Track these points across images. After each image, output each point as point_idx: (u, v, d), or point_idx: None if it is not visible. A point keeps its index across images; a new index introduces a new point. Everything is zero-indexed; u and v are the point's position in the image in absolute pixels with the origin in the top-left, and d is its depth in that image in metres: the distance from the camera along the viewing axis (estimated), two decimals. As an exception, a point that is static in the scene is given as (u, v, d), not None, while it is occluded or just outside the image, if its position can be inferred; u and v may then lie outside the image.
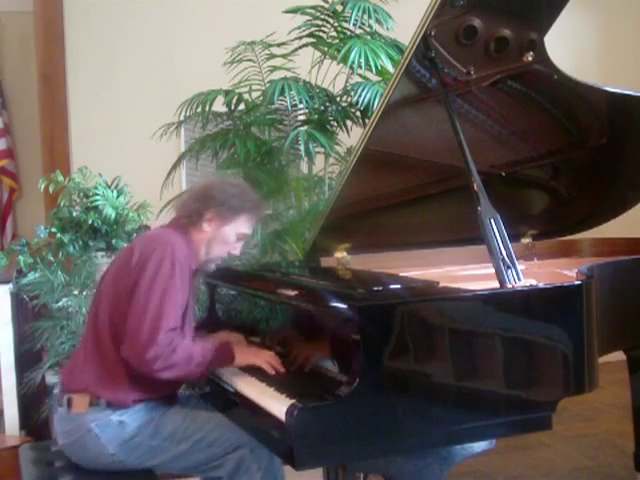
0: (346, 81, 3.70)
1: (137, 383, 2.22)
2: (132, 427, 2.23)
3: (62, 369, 2.40)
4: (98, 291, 2.36)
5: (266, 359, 2.25)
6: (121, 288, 2.23)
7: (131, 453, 2.23)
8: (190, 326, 2.35)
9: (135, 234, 3.45)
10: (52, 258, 3.32)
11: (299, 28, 3.62)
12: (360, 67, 3.36)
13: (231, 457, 2.24)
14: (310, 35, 3.65)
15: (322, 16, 3.61)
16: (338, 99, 3.68)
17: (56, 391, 2.33)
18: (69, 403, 2.24)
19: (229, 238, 2.36)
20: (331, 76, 3.75)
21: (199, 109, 3.69)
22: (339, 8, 3.58)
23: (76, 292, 3.30)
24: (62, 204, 3.44)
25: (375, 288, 2.10)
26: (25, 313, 3.64)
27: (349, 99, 3.66)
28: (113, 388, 2.22)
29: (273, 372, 2.22)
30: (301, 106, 3.56)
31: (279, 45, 3.72)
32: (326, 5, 3.59)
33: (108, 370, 2.23)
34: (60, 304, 3.28)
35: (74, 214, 3.37)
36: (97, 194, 3.32)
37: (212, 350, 2.24)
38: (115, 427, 2.22)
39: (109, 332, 2.24)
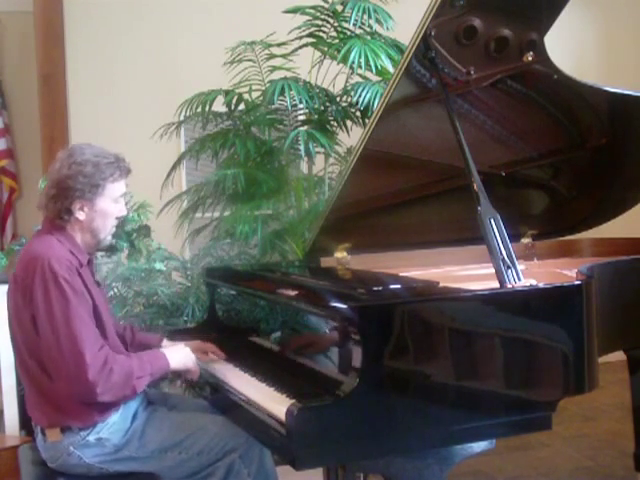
0: (346, 81, 3.70)
1: (87, 403, 2.13)
2: (113, 441, 2.17)
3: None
4: (10, 326, 2.25)
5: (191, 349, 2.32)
6: (24, 322, 2.14)
7: (120, 465, 2.20)
8: (109, 322, 2.26)
9: (135, 234, 3.45)
10: (52, 258, 3.31)
11: (299, 28, 3.62)
12: (360, 67, 3.36)
13: (221, 464, 2.21)
14: (310, 35, 3.65)
15: (322, 16, 3.61)
16: (338, 99, 3.68)
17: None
18: (43, 431, 2.19)
19: (109, 209, 2.24)
20: (331, 76, 3.75)
21: (199, 109, 3.69)
22: (339, 8, 3.58)
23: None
24: (62, 204, 3.43)
25: (375, 288, 2.10)
26: (25, 313, 3.63)
27: (349, 99, 3.66)
28: (72, 414, 2.14)
29: (210, 357, 2.36)
30: (301, 106, 3.56)
31: (279, 45, 3.72)
32: (326, 5, 3.59)
33: (54, 401, 2.14)
34: (60, 304, 3.27)
35: (74, 214, 3.37)
36: (97, 194, 3.31)
37: (149, 361, 2.19)
38: (94, 446, 2.16)
39: (36, 365, 2.15)
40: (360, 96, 3.46)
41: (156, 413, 2.29)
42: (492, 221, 2.14)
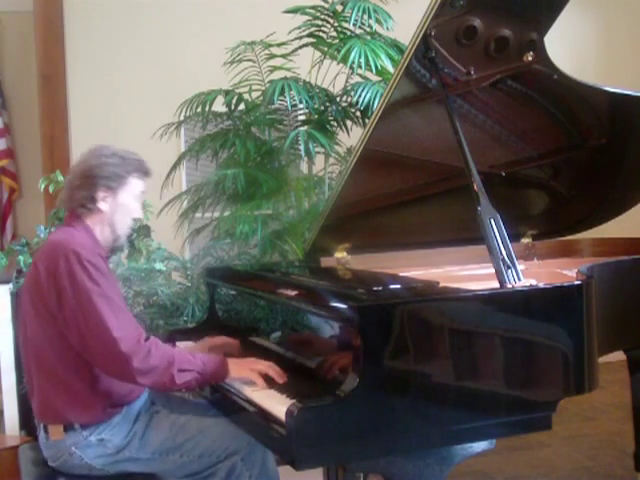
0: (346, 81, 3.70)
1: (98, 396, 2.16)
2: (114, 442, 2.17)
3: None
4: (21, 319, 2.25)
5: (263, 370, 2.13)
6: (48, 311, 2.12)
7: (121, 466, 2.19)
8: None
9: (135, 234, 3.45)
10: (52, 258, 3.31)
11: (299, 28, 3.62)
12: (360, 67, 3.37)
13: (223, 465, 2.20)
14: (310, 35, 3.66)
15: (322, 16, 3.61)
16: (338, 99, 3.68)
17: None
18: (46, 429, 2.19)
19: (129, 204, 2.28)
20: (331, 76, 3.75)
21: (199, 109, 3.69)
22: (339, 8, 3.58)
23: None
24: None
25: (375, 288, 2.10)
26: (25, 313, 3.63)
27: (349, 99, 3.67)
28: (78, 409, 2.15)
29: (269, 382, 2.11)
30: (301, 106, 3.57)
31: (279, 45, 3.72)
32: (326, 5, 3.59)
33: (64, 393, 2.14)
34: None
35: (74, 214, 3.37)
36: (97, 194, 3.31)
37: (202, 359, 2.14)
38: (96, 446, 2.16)
39: (55, 357, 2.14)
40: (360, 96, 3.46)
41: (158, 415, 2.28)
42: (492, 221, 2.14)
